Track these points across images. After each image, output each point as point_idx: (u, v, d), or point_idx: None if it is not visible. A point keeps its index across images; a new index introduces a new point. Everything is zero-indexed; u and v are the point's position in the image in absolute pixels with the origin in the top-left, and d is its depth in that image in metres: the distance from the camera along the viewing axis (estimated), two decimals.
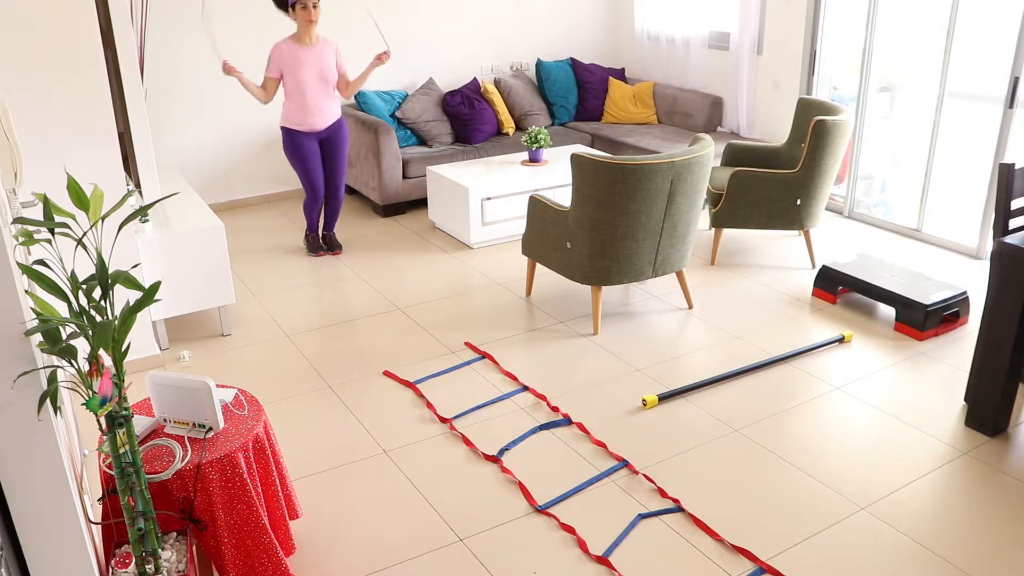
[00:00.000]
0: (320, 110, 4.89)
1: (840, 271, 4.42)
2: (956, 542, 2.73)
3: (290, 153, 5.00)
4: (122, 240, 3.65)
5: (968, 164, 5.23)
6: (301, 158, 4.99)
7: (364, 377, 3.81)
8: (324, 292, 4.75)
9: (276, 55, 4.78)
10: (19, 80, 3.19)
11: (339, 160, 5.12)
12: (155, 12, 5.51)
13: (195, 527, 2.32)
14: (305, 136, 4.94)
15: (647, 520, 2.85)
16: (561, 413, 3.48)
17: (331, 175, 5.15)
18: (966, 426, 3.35)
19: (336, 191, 5.21)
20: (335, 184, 5.19)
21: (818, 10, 5.69)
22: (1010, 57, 4.67)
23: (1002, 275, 3.10)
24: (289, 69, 4.78)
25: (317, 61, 4.80)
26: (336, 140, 5.06)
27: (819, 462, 3.15)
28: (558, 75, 6.81)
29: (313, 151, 5.00)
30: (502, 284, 4.81)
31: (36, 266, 1.79)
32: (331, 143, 5.05)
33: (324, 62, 4.83)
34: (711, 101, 6.36)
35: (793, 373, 3.79)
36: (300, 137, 4.93)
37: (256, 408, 2.53)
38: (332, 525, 2.85)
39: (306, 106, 4.85)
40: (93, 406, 1.81)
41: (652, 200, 3.90)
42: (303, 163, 5.00)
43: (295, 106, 4.86)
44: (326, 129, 4.99)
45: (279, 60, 4.78)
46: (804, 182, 4.69)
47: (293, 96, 4.84)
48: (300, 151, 4.96)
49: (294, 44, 4.77)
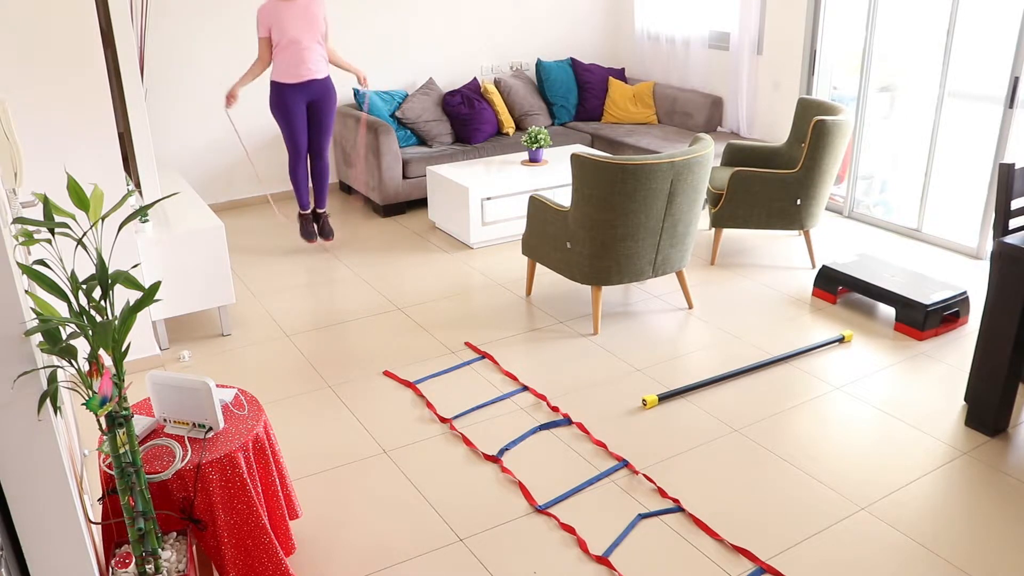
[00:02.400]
0: (308, 60, 4.85)
1: (840, 271, 4.42)
2: (956, 542, 2.73)
3: (276, 108, 4.96)
4: (122, 240, 3.65)
5: (968, 164, 5.23)
6: (286, 113, 4.94)
7: (364, 377, 3.81)
8: (324, 292, 4.75)
9: (263, 15, 4.79)
10: (19, 80, 3.19)
11: (325, 121, 5.08)
12: (155, 12, 5.51)
13: (195, 527, 2.32)
14: (293, 90, 4.89)
15: (647, 520, 2.85)
16: (561, 413, 3.48)
17: (315, 135, 5.09)
18: (966, 426, 3.35)
19: (320, 152, 5.15)
20: (319, 145, 5.13)
21: (818, 10, 5.69)
22: (1010, 57, 4.67)
23: (1002, 275, 3.10)
24: (276, 24, 4.77)
25: (304, 11, 4.80)
26: (324, 101, 5.01)
27: (819, 462, 3.15)
28: (558, 75, 6.81)
29: (299, 110, 4.95)
30: (502, 284, 4.81)
31: (36, 266, 1.79)
32: (318, 105, 5.01)
33: (311, 11, 4.82)
34: (711, 101, 6.36)
35: (793, 373, 3.79)
36: (288, 91, 4.89)
37: (256, 408, 2.53)
38: (332, 525, 2.85)
39: (294, 59, 4.82)
40: (93, 406, 1.81)
41: (652, 200, 3.90)
42: (288, 118, 4.95)
43: (284, 59, 4.83)
44: (314, 87, 4.94)
45: (266, 18, 4.78)
46: (804, 182, 4.69)
47: (282, 50, 4.82)
48: (286, 106, 4.92)
49: (278, 1, 4.77)
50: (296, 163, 5.11)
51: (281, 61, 4.86)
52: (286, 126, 5.00)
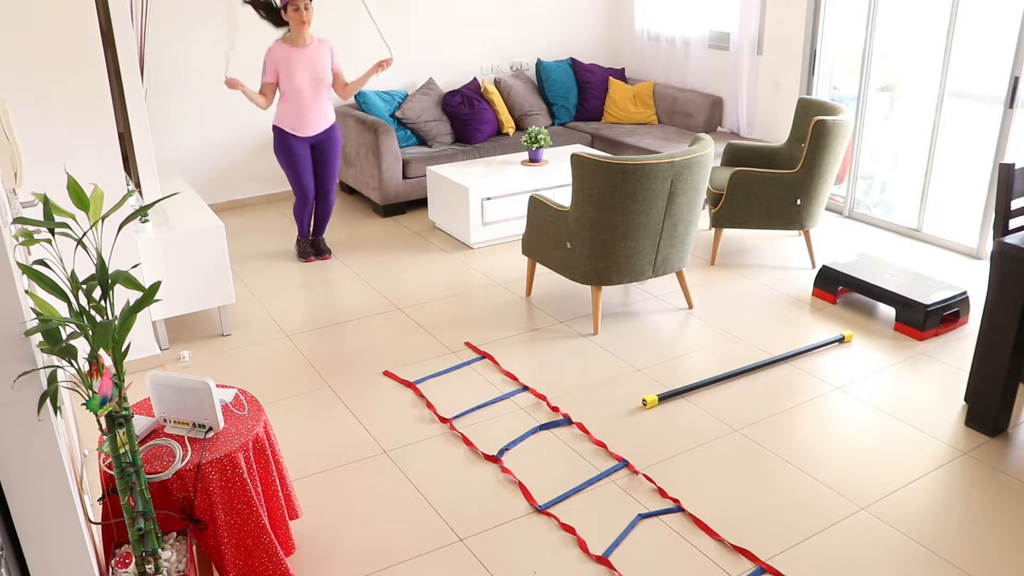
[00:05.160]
0: (313, 113, 4.80)
1: (840, 271, 4.42)
2: (956, 542, 2.73)
3: (280, 155, 4.92)
4: (122, 240, 3.65)
5: (968, 164, 5.23)
6: (291, 161, 4.90)
7: (364, 377, 3.81)
8: (324, 292, 4.75)
9: (270, 59, 4.71)
10: (19, 80, 3.19)
11: (330, 165, 5.03)
12: (155, 12, 5.51)
13: (195, 527, 2.32)
14: (297, 139, 4.85)
15: (647, 520, 2.85)
16: (561, 413, 3.48)
17: (321, 180, 5.05)
18: (966, 426, 3.35)
19: (326, 196, 5.11)
20: (325, 189, 5.09)
21: (818, 10, 5.69)
22: (1010, 57, 4.67)
23: (1002, 275, 3.10)
24: (284, 71, 4.69)
25: (311, 62, 4.71)
26: (328, 145, 4.97)
27: (819, 462, 3.15)
28: (558, 75, 6.81)
29: (304, 155, 4.91)
30: (502, 284, 4.81)
31: (36, 266, 1.79)
32: (322, 148, 4.96)
33: (318, 63, 4.74)
34: (711, 101, 6.36)
35: (793, 373, 3.79)
36: (291, 140, 4.85)
37: (256, 408, 2.53)
38: (332, 525, 2.85)
39: (300, 109, 4.77)
40: (93, 406, 1.81)
41: (652, 200, 3.90)
42: (293, 166, 4.92)
43: (289, 108, 4.79)
44: (318, 134, 4.91)
45: (273, 63, 4.71)
46: (804, 182, 4.69)
47: (288, 98, 4.77)
48: (290, 153, 4.88)
49: (287, 46, 4.69)
50: (303, 205, 5.07)
51: (286, 109, 4.80)
52: (291, 172, 4.94)
